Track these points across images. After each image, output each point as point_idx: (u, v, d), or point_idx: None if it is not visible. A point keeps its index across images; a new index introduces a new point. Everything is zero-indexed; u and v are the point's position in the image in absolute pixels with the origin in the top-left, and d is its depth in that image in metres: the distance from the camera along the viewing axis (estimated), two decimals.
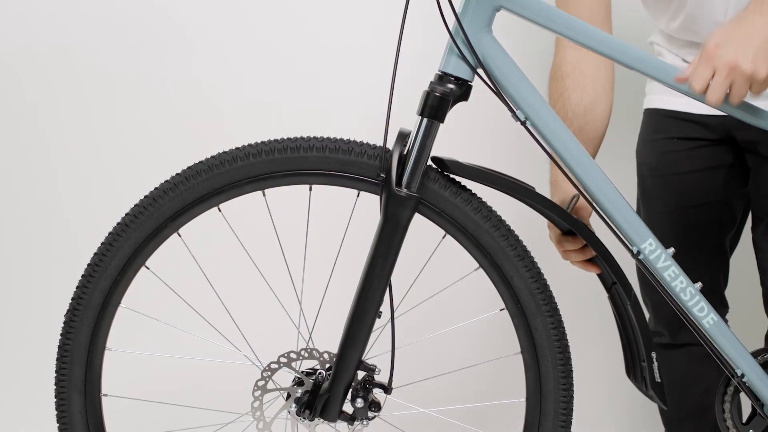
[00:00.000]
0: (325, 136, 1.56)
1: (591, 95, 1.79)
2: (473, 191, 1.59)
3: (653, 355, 1.61)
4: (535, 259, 1.60)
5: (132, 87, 2.65)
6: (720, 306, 2.02)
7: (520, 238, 1.59)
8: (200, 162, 1.56)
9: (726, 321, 2.02)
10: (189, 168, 1.56)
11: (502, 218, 1.58)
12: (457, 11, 1.50)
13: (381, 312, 1.57)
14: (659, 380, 1.61)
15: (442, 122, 1.53)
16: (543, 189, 1.80)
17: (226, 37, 2.64)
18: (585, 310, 2.50)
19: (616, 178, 1.60)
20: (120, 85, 2.65)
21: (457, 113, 1.58)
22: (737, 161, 1.90)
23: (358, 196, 1.61)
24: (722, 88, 1.46)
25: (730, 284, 2.05)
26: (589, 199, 1.59)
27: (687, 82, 1.48)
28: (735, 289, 2.09)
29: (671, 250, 1.62)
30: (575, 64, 1.81)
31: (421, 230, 1.60)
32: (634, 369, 1.66)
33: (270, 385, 1.62)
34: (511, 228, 1.59)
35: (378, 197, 1.54)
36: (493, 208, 1.59)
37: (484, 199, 1.59)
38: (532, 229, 1.65)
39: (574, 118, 1.77)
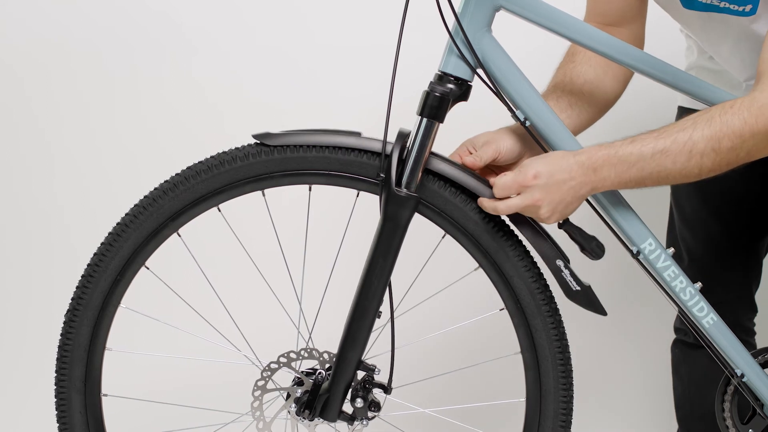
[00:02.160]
0: None
1: (598, 72, 1.74)
2: None
3: (559, 263, 1.57)
4: (536, 260, 1.59)
5: (131, 87, 2.65)
6: (749, 310, 1.99)
7: (520, 239, 1.59)
8: (200, 162, 1.56)
9: (754, 325, 2.01)
10: (189, 168, 1.56)
11: (502, 218, 1.58)
12: (456, 11, 1.50)
13: (381, 312, 1.57)
14: (577, 288, 1.58)
15: (442, 122, 1.53)
16: None
17: (226, 38, 2.65)
18: (585, 309, 2.49)
19: None
20: (119, 85, 2.65)
21: (457, 113, 1.58)
22: None
23: (357, 196, 1.61)
24: (515, 209, 1.51)
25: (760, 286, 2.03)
26: (589, 198, 1.59)
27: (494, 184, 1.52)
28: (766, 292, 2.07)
29: (671, 250, 1.62)
30: None
31: (421, 230, 1.60)
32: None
33: (270, 385, 1.62)
34: (511, 228, 1.58)
35: (378, 197, 1.54)
36: None
37: None
38: None
39: (568, 84, 1.73)
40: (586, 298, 1.58)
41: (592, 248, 1.57)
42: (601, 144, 1.51)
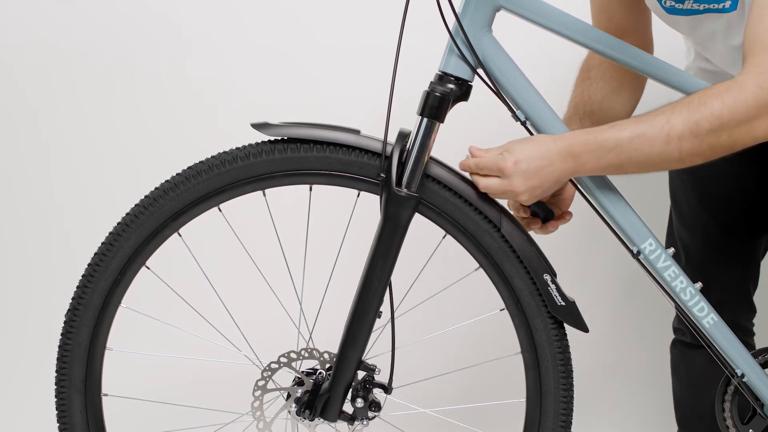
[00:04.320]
0: None
1: (613, 85, 1.76)
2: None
3: (546, 278, 1.58)
4: None
5: (130, 88, 2.65)
6: (747, 310, 1.99)
7: None
8: (200, 162, 1.56)
9: (753, 325, 2.01)
10: (189, 168, 1.56)
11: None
12: (457, 11, 1.50)
13: (381, 312, 1.57)
14: (561, 303, 1.59)
15: (442, 122, 1.53)
16: None
17: (225, 39, 2.65)
18: (586, 310, 2.50)
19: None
20: (118, 85, 2.65)
21: (457, 113, 1.58)
22: None
23: (358, 196, 1.61)
24: (493, 192, 1.52)
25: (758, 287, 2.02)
26: (590, 198, 1.59)
27: (475, 159, 1.54)
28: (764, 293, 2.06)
29: (671, 250, 1.62)
30: (603, 58, 1.79)
31: (421, 230, 1.60)
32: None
33: (270, 385, 1.62)
34: None
35: (378, 197, 1.54)
36: None
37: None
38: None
39: (588, 104, 1.76)
40: (570, 314, 1.59)
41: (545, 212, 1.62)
42: (582, 129, 1.52)
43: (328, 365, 1.62)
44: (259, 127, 1.55)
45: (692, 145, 1.46)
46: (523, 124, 1.55)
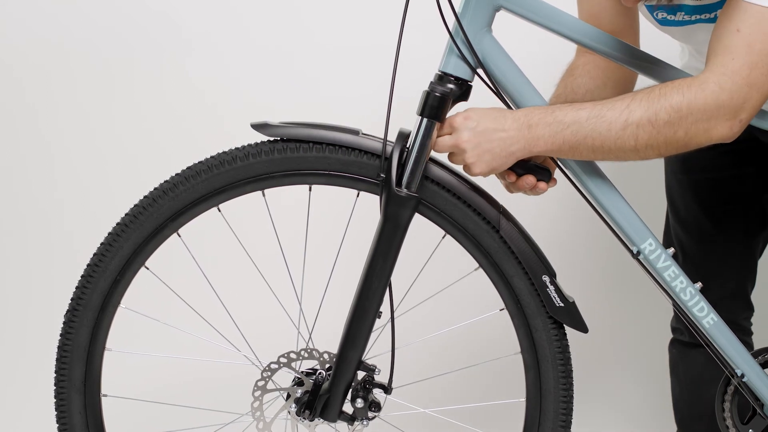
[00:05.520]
0: None
1: (597, 83, 1.76)
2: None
3: (545, 279, 1.58)
4: None
5: (130, 88, 2.65)
6: (745, 308, 1.99)
7: None
8: (200, 162, 1.55)
9: (751, 324, 2.01)
10: (189, 168, 1.56)
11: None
12: (457, 11, 1.50)
13: (381, 312, 1.57)
14: (560, 304, 1.58)
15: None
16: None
17: (225, 38, 2.65)
18: (586, 309, 2.49)
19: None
20: (118, 85, 2.65)
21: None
22: (765, 164, 1.89)
23: (357, 196, 1.61)
24: (443, 147, 1.53)
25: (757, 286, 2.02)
26: (589, 198, 1.59)
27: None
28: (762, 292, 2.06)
29: (671, 250, 1.61)
30: (591, 57, 1.79)
31: (421, 230, 1.60)
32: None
33: (270, 385, 1.62)
34: None
35: (378, 197, 1.54)
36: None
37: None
38: (533, 228, 1.65)
39: (570, 94, 1.75)
40: (569, 315, 1.59)
41: (542, 174, 1.58)
42: (543, 105, 1.52)
43: (327, 365, 1.62)
44: (258, 127, 1.55)
45: (648, 135, 1.46)
46: None
